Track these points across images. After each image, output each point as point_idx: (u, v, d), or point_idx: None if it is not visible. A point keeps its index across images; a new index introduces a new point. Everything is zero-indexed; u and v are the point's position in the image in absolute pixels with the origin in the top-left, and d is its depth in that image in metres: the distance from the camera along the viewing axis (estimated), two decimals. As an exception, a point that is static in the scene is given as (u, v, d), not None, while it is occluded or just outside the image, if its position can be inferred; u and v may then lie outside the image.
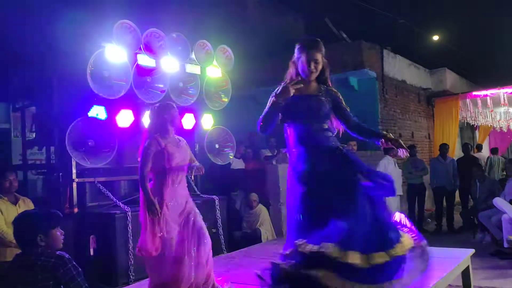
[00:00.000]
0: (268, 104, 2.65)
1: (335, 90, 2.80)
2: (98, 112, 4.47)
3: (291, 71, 2.76)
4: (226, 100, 5.87)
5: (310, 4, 9.08)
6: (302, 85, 2.66)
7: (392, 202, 7.06)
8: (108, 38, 4.45)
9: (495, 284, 4.85)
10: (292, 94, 2.59)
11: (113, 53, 4.47)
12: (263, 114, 2.65)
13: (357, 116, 2.87)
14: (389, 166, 7.09)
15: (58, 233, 2.43)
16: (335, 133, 2.78)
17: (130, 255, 4.13)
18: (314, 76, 2.71)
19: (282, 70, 2.87)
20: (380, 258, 2.37)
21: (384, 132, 2.76)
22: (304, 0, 8.90)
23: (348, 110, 2.80)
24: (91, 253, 4.20)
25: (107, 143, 4.57)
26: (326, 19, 9.36)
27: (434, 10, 9.26)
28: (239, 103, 7.78)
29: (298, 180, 2.59)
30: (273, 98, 2.61)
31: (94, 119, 4.46)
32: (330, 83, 2.81)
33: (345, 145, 2.80)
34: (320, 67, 2.70)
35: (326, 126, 2.72)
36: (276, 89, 2.67)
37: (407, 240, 2.59)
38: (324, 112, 2.70)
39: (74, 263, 2.33)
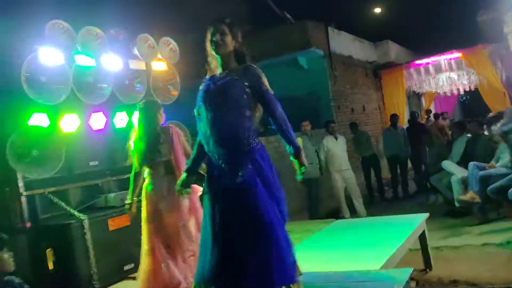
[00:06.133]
0: None
1: (255, 67, 2.41)
2: (39, 120, 4.24)
3: (208, 59, 2.52)
4: (175, 93, 5.74)
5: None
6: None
7: (347, 175, 7.23)
8: (41, 41, 4.20)
9: (449, 243, 5.16)
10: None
11: (48, 56, 4.23)
12: None
13: (310, 95, 2.87)
14: (329, 144, 7.13)
15: (6, 256, 2.30)
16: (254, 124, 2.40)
17: (91, 263, 4.00)
18: (223, 49, 2.41)
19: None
20: None
21: (298, 146, 2.38)
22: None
23: (270, 91, 2.38)
24: (50, 267, 4.03)
25: (54, 151, 4.35)
26: (268, 1, 9.31)
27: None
28: (190, 94, 7.62)
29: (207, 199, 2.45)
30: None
31: (36, 127, 4.23)
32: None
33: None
34: (228, 38, 2.40)
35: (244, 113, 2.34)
36: None
37: None
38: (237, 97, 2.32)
39: (27, 286, 2.22)
